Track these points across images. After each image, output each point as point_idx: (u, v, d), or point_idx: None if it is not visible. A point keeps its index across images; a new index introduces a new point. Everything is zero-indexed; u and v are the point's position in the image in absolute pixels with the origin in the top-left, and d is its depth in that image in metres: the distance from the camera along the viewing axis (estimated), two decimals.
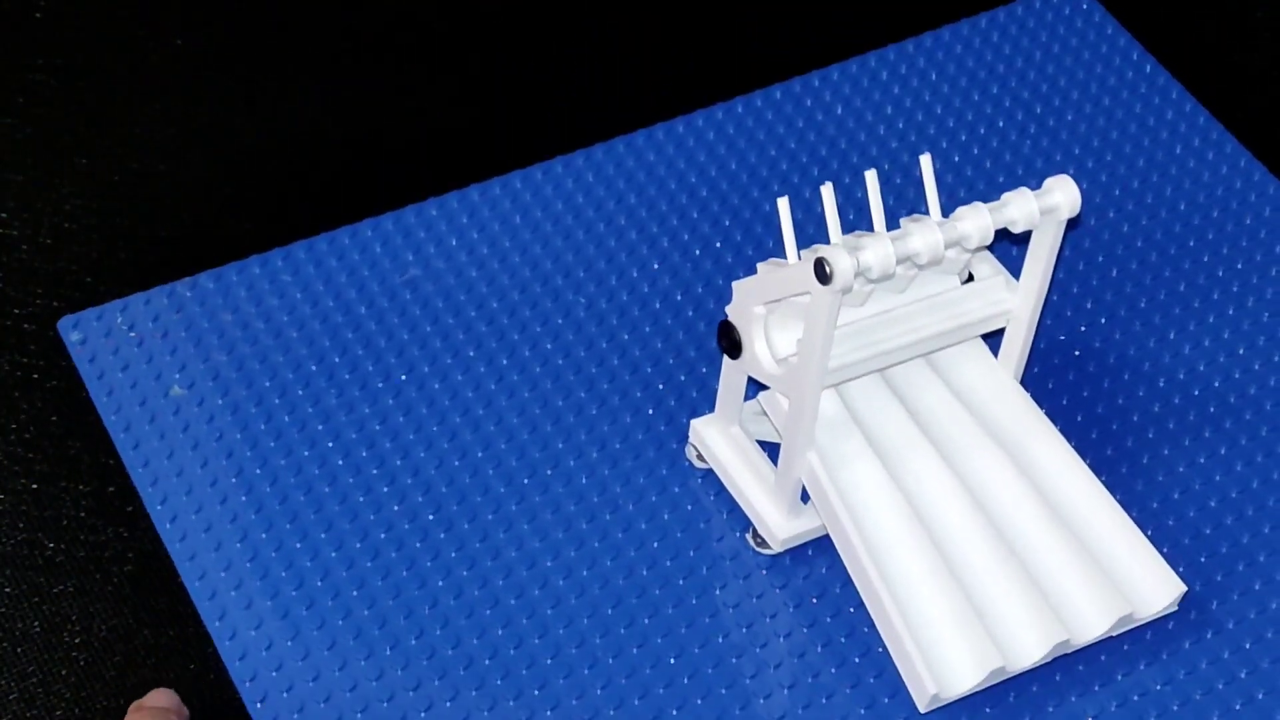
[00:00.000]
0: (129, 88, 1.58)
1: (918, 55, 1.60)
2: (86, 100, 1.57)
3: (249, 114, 1.57)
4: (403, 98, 1.59)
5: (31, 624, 1.28)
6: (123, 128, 1.55)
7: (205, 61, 1.61)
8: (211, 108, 1.57)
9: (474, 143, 1.56)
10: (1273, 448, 1.37)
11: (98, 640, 1.27)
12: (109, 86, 1.58)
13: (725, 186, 1.51)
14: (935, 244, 1.19)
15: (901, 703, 1.24)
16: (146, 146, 1.54)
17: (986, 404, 1.31)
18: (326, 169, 1.53)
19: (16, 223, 1.48)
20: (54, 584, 1.30)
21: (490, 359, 1.40)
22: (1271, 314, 1.44)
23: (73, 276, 1.45)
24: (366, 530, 1.30)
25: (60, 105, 1.56)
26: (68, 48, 1.60)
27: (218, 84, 1.59)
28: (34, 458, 1.35)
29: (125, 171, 1.52)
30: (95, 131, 1.55)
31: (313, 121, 1.57)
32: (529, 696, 1.23)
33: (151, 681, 1.25)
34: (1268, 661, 1.26)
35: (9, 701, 1.25)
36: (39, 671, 1.26)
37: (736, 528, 1.32)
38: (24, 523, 1.32)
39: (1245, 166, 1.53)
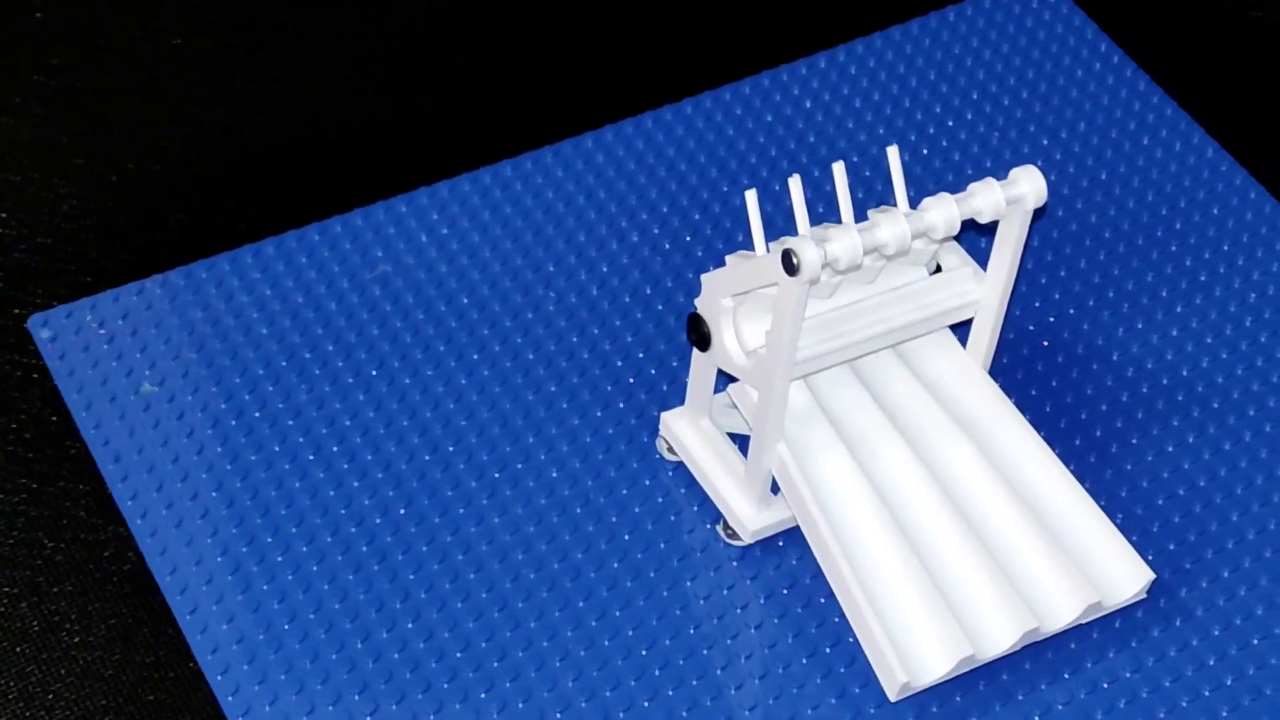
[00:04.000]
0: (129, 88, 1.58)
1: (885, 49, 1.60)
2: (86, 100, 1.57)
3: (249, 114, 1.57)
4: (381, 96, 1.59)
5: (31, 623, 1.28)
6: (122, 128, 1.55)
7: (205, 61, 1.61)
8: (211, 108, 1.57)
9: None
10: (1240, 436, 1.38)
11: (98, 640, 1.27)
12: (109, 86, 1.58)
13: (694, 180, 1.51)
14: (902, 235, 1.19)
15: (872, 692, 1.24)
16: (146, 146, 1.54)
17: (955, 394, 1.32)
18: (326, 164, 1.53)
19: (16, 223, 1.48)
20: (54, 584, 1.30)
21: (460, 354, 1.40)
22: (1238, 303, 1.45)
23: (72, 276, 1.45)
24: (337, 525, 1.30)
25: (60, 105, 1.57)
26: (68, 48, 1.60)
27: (217, 84, 1.59)
28: (34, 458, 1.35)
29: (125, 171, 1.52)
30: (95, 131, 1.55)
31: (313, 120, 1.57)
32: (501, 689, 1.23)
33: (151, 681, 1.25)
34: (1236, 648, 1.27)
35: (9, 701, 1.25)
36: (39, 671, 1.26)
37: (707, 520, 1.32)
38: (24, 522, 1.32)
39: (1213, 157, 1.54)
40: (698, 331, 1.27)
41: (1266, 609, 1.29)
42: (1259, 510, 1.34)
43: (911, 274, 1.28)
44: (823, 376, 1.30)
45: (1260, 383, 1.40)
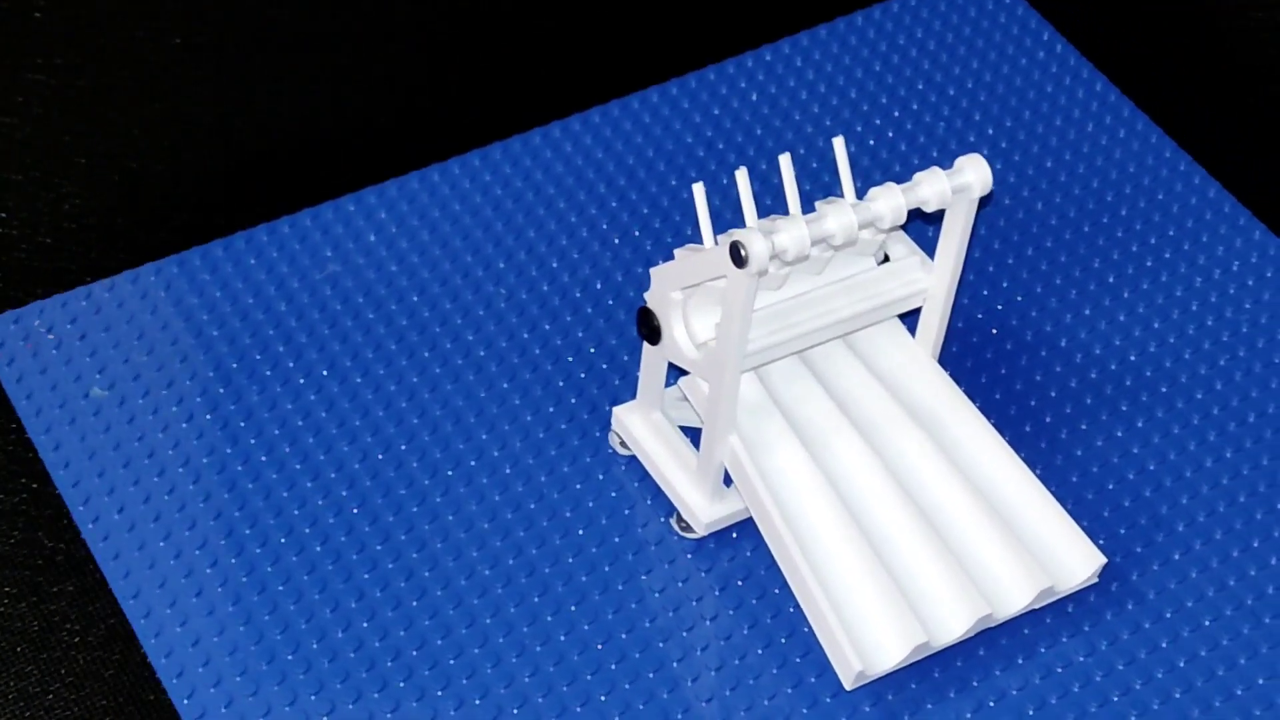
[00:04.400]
0: (129, 88, 1.58)
1: (830, 40, 1.61)
2: (86, 100, 1.57)
3: (249, 114, 1.57)
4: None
5: (31, 623, 1.28)
6: (123, 128, 1.55)
7: (205, 61, 1.60)
8: (211, 107, 1.57)
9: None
10: (1188, 420, 1.38)
11: (97, 640, 1.27)
12: (109, 86, 1.58)
13: (642, 175, 1.51)
14: (849, 225, 1.20)
15: (828, 681, 1.24)
16: (147, 146, 1.53)
17: (905, 383, 1.32)
18: (326, 162, 1.53)
19: (16, 223, 1.48)
20: (53, 584, 1.29)
21: (411, 352, 1.40)
22: (1185, 289, 1.46)
23: (72, 276, 1.45)
24: (291, 526, 1.30)
25: (60, 105, 1.56)
26: (68, 48, 1.60)
27: (218, 84, 1.59)
28: (34, 458, 1.35)
29: (126, 171, 1.52)
30: (96, 131, 1.55)
31: (311, 117, 1.57)
32: (457, 685, 1.23)
33: (151, 681, 1.25)
34: (1188, 630, 1.28)
35: (9, 701, 1.24)
36: (39, 671, 1.26)
37: (661, 513, 1.32)
38: (24, 522, 1.32)
39: (1156, 143, 1.55)
40: (648, 325, 1.28)
41: (1218, 591, 1.30)
42: (1209, 493, 1.35)
43: (859, 264, 1.29)
44: (774, 369, 1.31)
45: (1207, 367, 1.41)
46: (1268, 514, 1.34)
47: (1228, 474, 1.36)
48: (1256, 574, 1.31)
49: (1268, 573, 1.31)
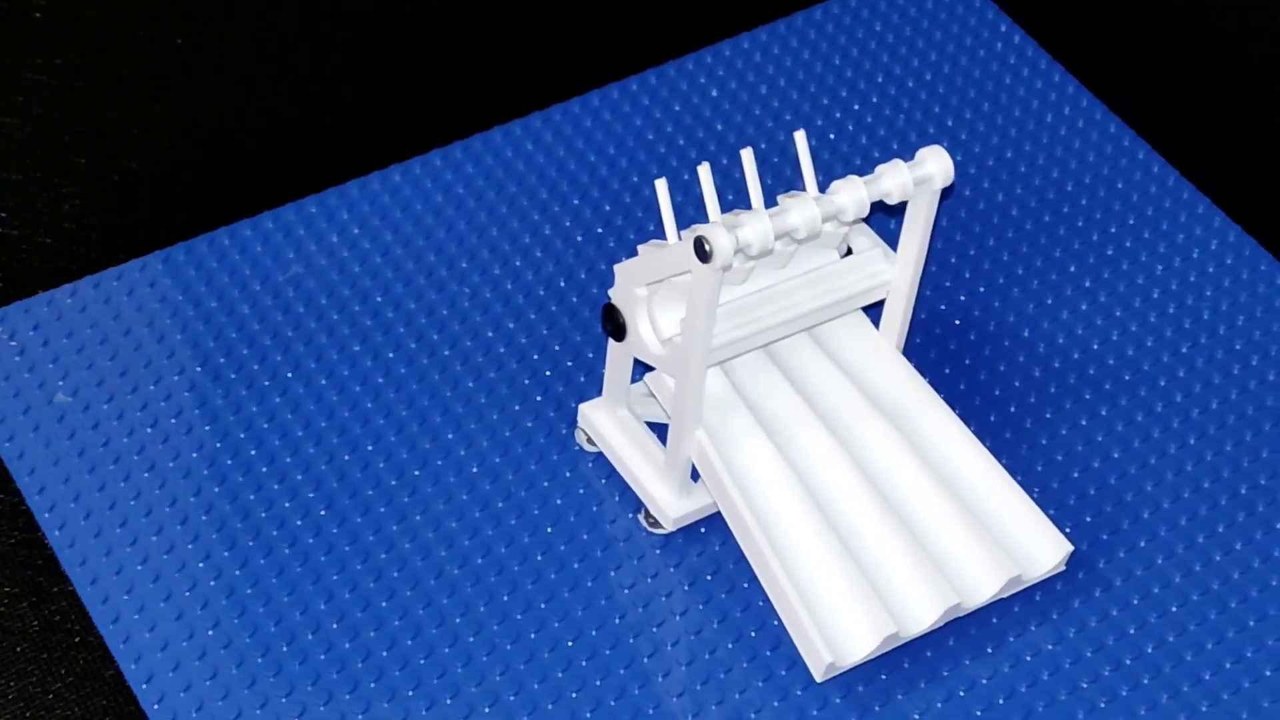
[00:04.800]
0: (129, 88, 1.57)
1: (790, 35, 1.61)
2: (86, 100, 1.56)
3: (250, 113, 1.57)
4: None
5: (31, 623, 1.27)
6: (123, 128, 1.55)
7: (205, 61, 1.60)
8: (212, 107, 1.57)
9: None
10: (1152, 407, 1.39)
11: (97, 640, 1.26)
12: (109, 86, 1.57)
13: (604, 172, 1.51)
14: (813, 218, 1.20)
15: (799, 674, 1.25)
16: (147, 146, 1.53)
17: (870, 375, 1.33)
18: (326, 160, 1.53)
19: (18, 222, 1.48)
20: (54, 584, 1.29)
21: (376, 353, 1.40)
22: (1146, 276, 1.47)
23: (72, 277, 1.44)
24: (258, 529, 1.30)
25: (60, 105, 1.56)
26: (68, 48, 1.60)
27: (218, 84, 1.59)
28: None
29: (126, 171, 1.51)
30: (96, 131, 1.54)
31: (312, 116, 1.57)
32: (429, 685, 1.23)
33: None
34: (1155, 616, 1.29)
35: (8, 701, 1.24)
36: (39, 671, 1.26)
37: (629, 509, 1.32)
38: (24, 522, 1.31)
39: (1115, 132, 1.56)
40: (613, 322, 1.28)
41: (1184, 576, 1.30)
42: (1173, 479, 1.35)
43: (823, 257, 1.29)
44: (739, 364, 1.31)
45: (1170, 354, 1.42)
46: (1231, 499, 1.34)
47: (1191, 460, 1.36)
48: (1222, 559, 1.31)
49: (1232, 558, 1.31)
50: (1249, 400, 1.40)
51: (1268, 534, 1.33)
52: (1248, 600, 1.29)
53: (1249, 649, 1.27)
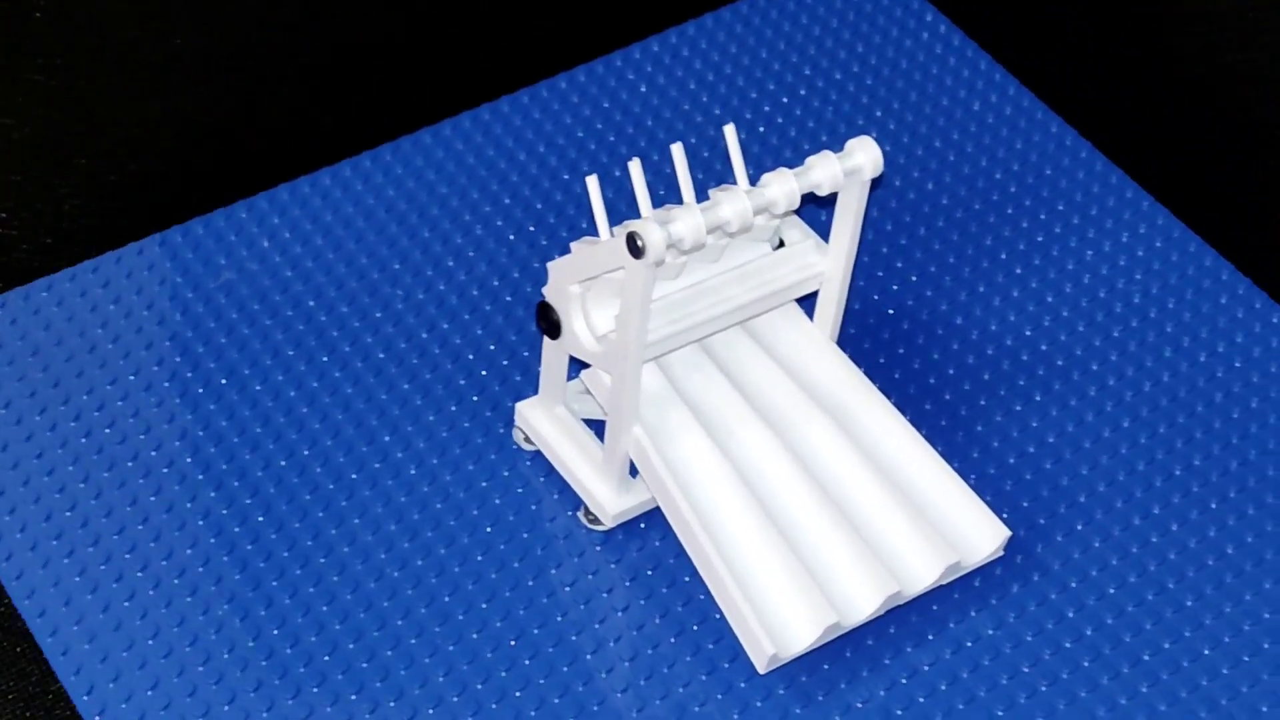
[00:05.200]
0: (129, 88, 1.57)
1: (716, 30, 1.61)
2: (86, 100, 1.56)
3: (246, 113, 1.56)
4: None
5: None
6: (123, 128, 1.54)
7: (205, 61, 1.59)
8: (213, 107, 1.56)
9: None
10: (1085, 391, 1.40)
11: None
12: (109, 86, 1.57)
13: (534, 170, 1.51)
14: (744, 211, 1.20)
15: (741, 666, 1.25)
16: (147, 146, 1.52)
17: (806, 367, 1.33)
18: (325, 160, 1.53)
19: (17, 223, 1.47)
20: None
21: (310, 357, 1.39)
22: (1076, 262, 1.48)
23: None
24: (196, 537, 1.29)
25: (60, 105, 1.55)
26: (68, 48, 1.59)
27: (218, 84, 1.58)
28: None
29: (126, 171, 1.51)
30: (95, 131, 1.54)
31: (308, 115, 1.56)
32: (371, 689, 1.23)
33: None
34: (1094, 599, 1.29)
35: (9, 701, 1.23)
36: (39, 671, 1.25)
37: (568, 507, 1.32)
38: None
39: (1042, 119, 1.57)
40: (547, 319, 1.28)
41: (1121, 559, 1.31)
42: (1108, 463, 1.36)
43: (755, 250, 1.29)
44: (675, 359, 1.31)
45: (1101, 338, 1.43)
46: (1166, 480, 1.35)
47: (1126, 443, 1.37)
48: (1158, 540, 1.32)
49: (1169, 538, 1.32)
50: (1181, 383, 1.41)
51: (1203, 514, 1.34)
52: (1184, 581, 1.30)
53: (1187, 629, 1.28)
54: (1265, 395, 1.40)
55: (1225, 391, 1.40)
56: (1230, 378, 1.41)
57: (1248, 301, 1.46)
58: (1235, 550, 1.32)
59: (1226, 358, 1.42)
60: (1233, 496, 1.34)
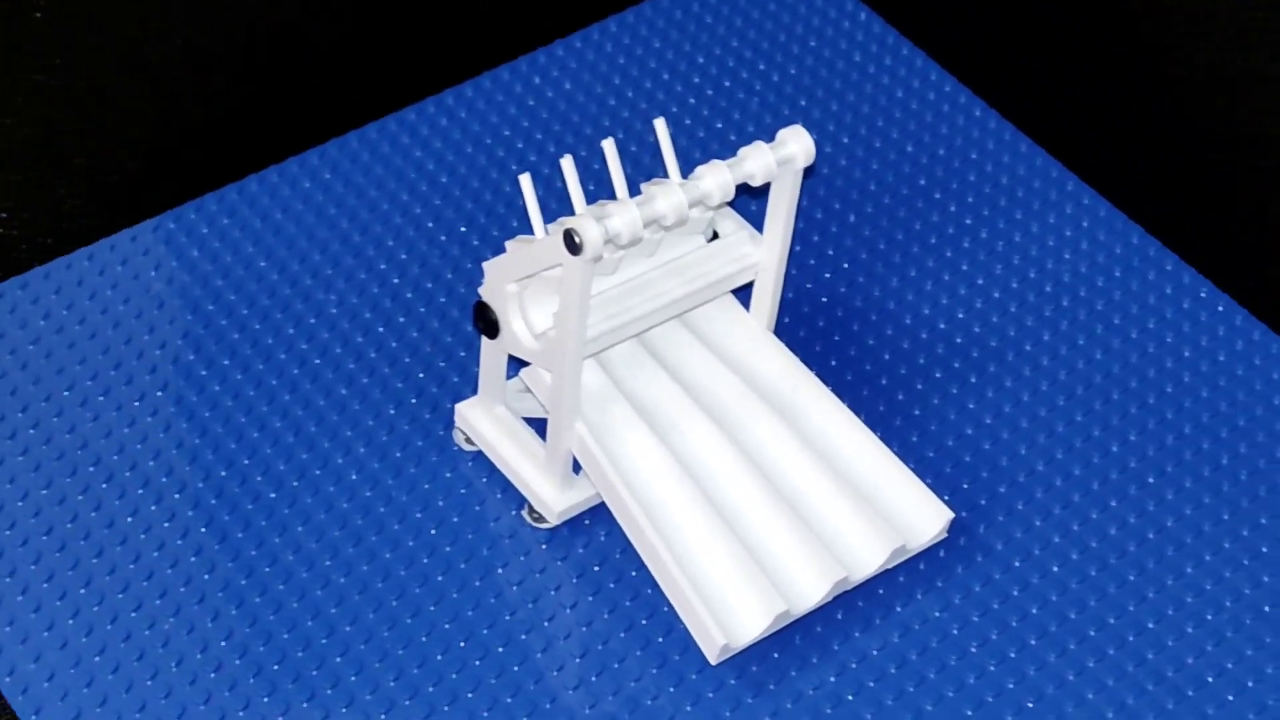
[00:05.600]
0: (129, 88, 1.56)
1: (639, 24, 1.62)
2: (86, 100, 1.55)
3: (249, 113, 1.55)
4: None
5: None
6: (123, 128, 1.53)
7: (205, 61, 1.58)
8: (213, 107, 1.55)
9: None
10: (1020, 372, 1.41)
11: None
12: (109, 86, 1.56)
13: (464, 170, 1.51)
14: (679, 205, 1.21)
15: (692, 658, 1.25)
16: (147, 146, 1.51)
17: (744, 357, 1.33)
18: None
19: (17, 223, 1.46)
20: None
21: (246, 366, 1.38)
22: (1006, 244, 1.49)
23: None
24: (139, 552, 1.28)
25: (60, 105, 1.55)
26: (68, 48, 1.58)
27: (218, 84, 1.56)
28: None
29: (126, 171, 1.50)
30: (95, 131, 1.53)
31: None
32: (322, 697, 1.23)
33: None
34: (1037, 577, 1.30)
35: None
36: None
37: (512, 506, 1.32)
38: None
39: (965, 103, 1.58)
40: (485, 319, 1.27)
41: (1062, 536, 1.32)
42: (1045, 441, 1.37)
43: (690, 243, 1.29)
44: (615, 355, 1.31)
45: (1034, 319, 1.44)
46: (1103, 457, 1.37)
47: (1062, 421, 1.38)
48: (1099, 516, 1.33)
49: (1109, 515, 1.34)
50: (1114, 359, 1.42)
51: (1141, 489, 1.35)
52: (1126, 555, 1.32)
53: (1130, 603, 1.29)
54: (1196, 370, 1.42)
55: (1158, 367, 1.42)
56: (1162, 353, 1.43)
57: (1176, 277, 1.47)
58: (1175, 523, 1.33)
59: (1157, 334, 1.44)
60: (1170, 470, 1.36)
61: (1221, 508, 1.34)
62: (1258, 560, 1.31)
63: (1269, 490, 1.35)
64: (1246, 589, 1.30)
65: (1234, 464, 1.36)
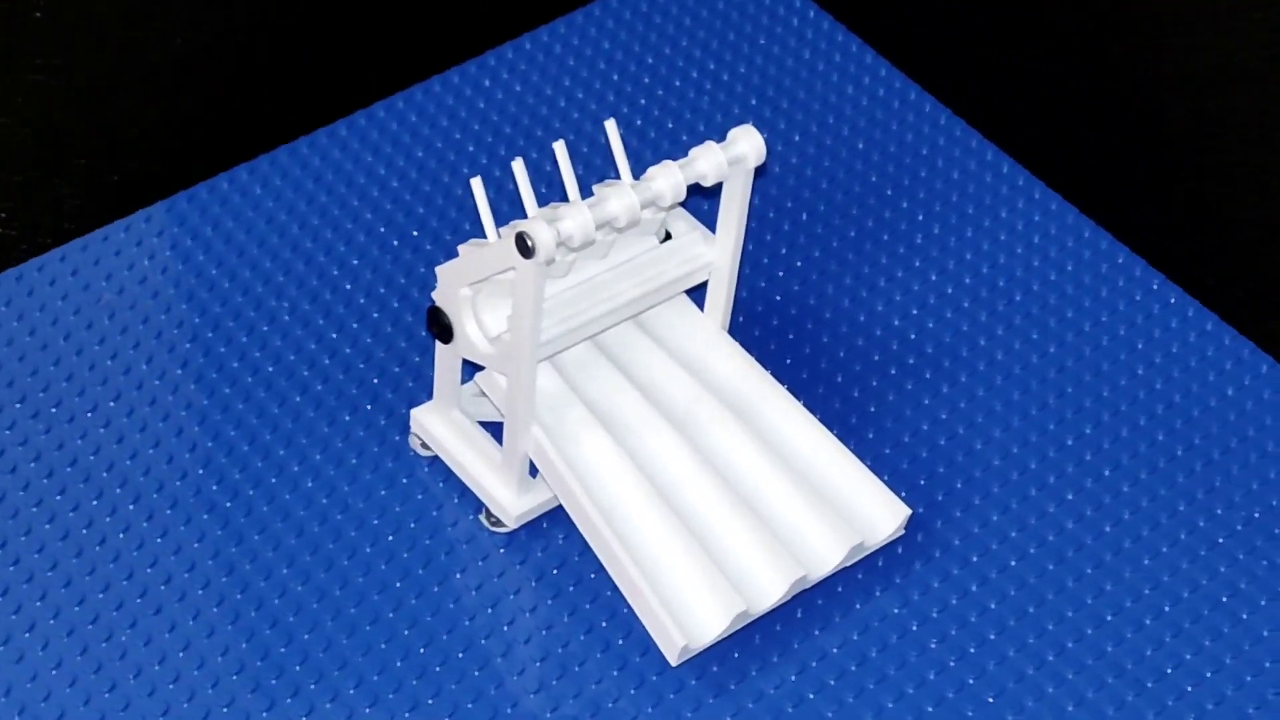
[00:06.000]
0: (129, 88, 1.55)
1: (587, 25, 1.61)
2: (86, 100, 1.55)
3: (247, 113, 1.53)
4: None
5: None
6: (123, 128, 1.52)
7: (206, 61, 1.57)
8: (213, 107, 1.54)
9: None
10: (974, 367, 1.41)
11: None
12: (109, 86, 1.55)
13: (414, 175, 1.50)
14: (632, 206, 1.21)
15: (653, 660, 1.25)
16: (147, 146, 1.50)
17: (699, 358, 1.33)
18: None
19: (17, 223, 1.45)
20: None
21: (199, 376, 1.38)
22: (958, 239, 1.49)
23: None
24: (94, 565, 1.28)
25: (60, 105, 1.54)
26: (68, 48, 1.58)
27: (218, 84, 1.55)
28: None
29: (126, 172, 1.49)
30: (95, 131, 1.52)
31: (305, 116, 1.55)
32: (282, 706, 1.22)
33: None
34: (995, 572, 1.31)
35: None
36: None
37: (469, 510, 1.32)
38: None
39: (915, 99, 1.58)
40: (438, 324, 1.27)
41: (1019, 531, 1.33)
42: (1000, 436, 1.38)
43: (642, 244, 1.29)
44: (570, 358, 1.31)
45: (987, 313, 1.44)
46: (1059, 450, 1.37)
47: (1017, 416, 1.39)
48: (1055, 510, 1.34)
49: (1065, 508, 1.34)
50: (1068, 354, 1.42)
51: (1097, 481, 1.35)
52: (1083, 549, 1.32)
53: (1089, 596, 1.30)
54: (1150, 362, 1.42)
55: (1112, 360, 1.42)
56: (1115, 346, 1.43)
57: (1128, 270, 1.48)
58: (1131, 516, 1.34)
59: (1110, 327, 1.44)
60: (1125, 463, 1.36)
61: (1177, 500, 1.35)
62: (1214, 551, 1.32)
63: (1224, 481, 1.36)
64: (1203, 580, 1.31)
65: (1189, 456, 1.37)
